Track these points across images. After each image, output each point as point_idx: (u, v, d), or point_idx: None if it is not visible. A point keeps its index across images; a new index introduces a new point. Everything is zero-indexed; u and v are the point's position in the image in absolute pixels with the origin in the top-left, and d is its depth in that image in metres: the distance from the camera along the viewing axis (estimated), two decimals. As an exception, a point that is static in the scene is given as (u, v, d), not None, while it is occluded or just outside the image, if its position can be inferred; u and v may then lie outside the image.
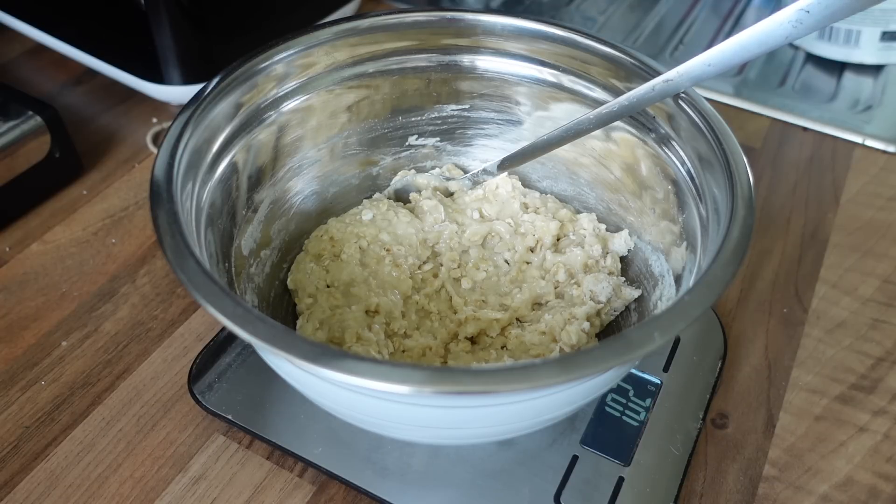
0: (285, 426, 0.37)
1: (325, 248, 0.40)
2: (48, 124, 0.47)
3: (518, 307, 0.39)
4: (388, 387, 0.24)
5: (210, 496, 0.36)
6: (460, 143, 0.44)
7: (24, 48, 0.62)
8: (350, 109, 0.41)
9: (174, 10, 0.49)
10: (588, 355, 0.25)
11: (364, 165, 0.43)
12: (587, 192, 0.42)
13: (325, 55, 0.39)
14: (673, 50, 0.65)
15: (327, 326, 0.37)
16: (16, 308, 0.43)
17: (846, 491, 0.37)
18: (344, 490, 0.36)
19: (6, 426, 0.38)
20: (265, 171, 0.39)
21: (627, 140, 0.39)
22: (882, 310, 0.45)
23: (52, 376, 0.40)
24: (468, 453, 0.36)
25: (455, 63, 0.41)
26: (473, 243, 0.41)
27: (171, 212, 0.29)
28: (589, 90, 0.40)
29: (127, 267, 0.46)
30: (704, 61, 0.32)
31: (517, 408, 0.29)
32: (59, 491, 0.36)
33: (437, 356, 0.37)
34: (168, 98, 0.56)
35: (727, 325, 0.43)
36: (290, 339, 0.25)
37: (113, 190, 0.51)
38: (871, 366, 0.42)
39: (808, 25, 0.30)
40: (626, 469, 0.36)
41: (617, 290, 0.39)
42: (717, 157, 0.33)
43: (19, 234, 0.48)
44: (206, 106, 0.34)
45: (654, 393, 0.39)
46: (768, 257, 0.48)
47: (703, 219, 0.33)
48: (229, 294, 0.26)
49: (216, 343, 0.40)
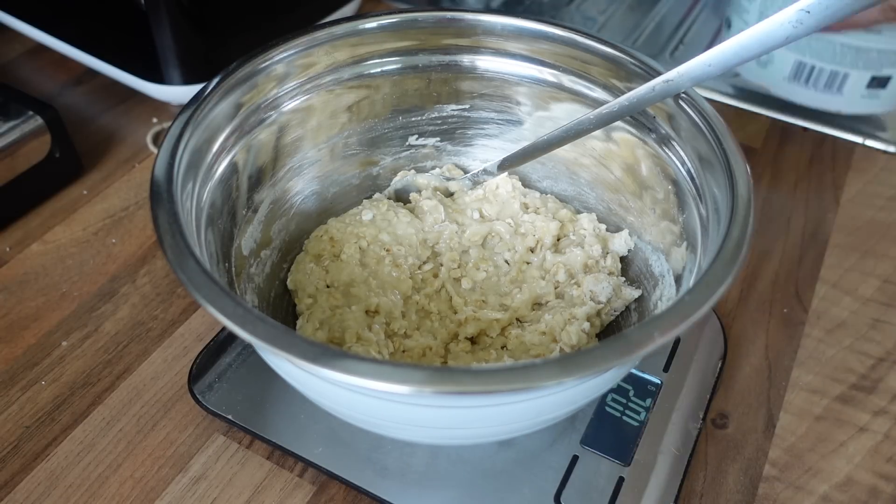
0: (285, 426, 0.37)
1: (325, 248, 0.40)
2: (48, 124, 0.47)
3: (518, 307, 0.39)
4: (388, 387, 0.24)
5: (210, 496, 0.36)
6: (460, 143, 0.44)
7: (24, 48, 0.62)
8: (350, 109, 0.41)
9: (174, 10, 0.49)
10: (588, 355, 0.25)
11: (364, 165, 0.43)
12: (587, 192, 0.42)
13: (325, 55, 0.39)
14: (673, 50, 0.65)
15: (327, 326, 0.37)
16: (16, 308, 0.43)
17: (846, 491, 0.37)
18: (344, 490, 0.36)
19: (6, 426, 0.38)
20: (265, 171, 0.39)
21: (628, 140, 0.39)
22: (882, 310, 0.45)
23: (52, 376, 0.40)
24: (468, 453, 0.36)
25: (455, 63, 0.41)
26: (473, 243, 0.41)
27: (172, 212, 0.29)
28: (589, 90, 0.40)
29: (127, 267, 0.46)
30: (705, 61, 0.32)
31: (517, 408, 0.29)
32: (59, 491, 0.36)
33: (438, 356, 0.37)
34: (168, 98, 0.56)
35: (727, 325, 0.43)
36: (290, 339, 0.25)
37: (113, 190, 0.51)
38: (872, 366, 0.42)
39: (808, 26, 0.30)
40: (626, 469, 0.36)
41: (617, 291, 0.39)
42: (717, 157, 0.33)
43: (19, 234, 0.48)
44: (206, 106, 0.34)
45: (654, 393, 0.39)
46: (768, 257, 0.48)
47: (704, 219, 0.33)
48: (229, 294, 0.26)
49: (216, 343, 0.40)
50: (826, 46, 0.46)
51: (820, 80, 0.49)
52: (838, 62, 0.47)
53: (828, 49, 0.46)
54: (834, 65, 0.47)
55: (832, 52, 0.46)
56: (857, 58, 0.47)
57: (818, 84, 0.49)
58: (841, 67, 0.47)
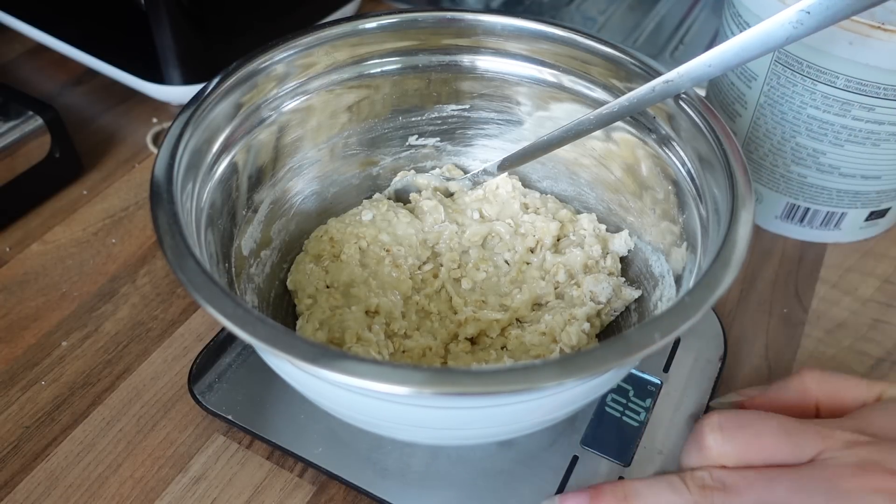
0: (285, 426, 0.37)
1: (325, 248, 0.40)
2: (48, 124, 0.47)
3: (518, 308, 0.39)
4: (388, 388, 0.24)
5: (210, 496, 0.36)
6: (460, 143, 0.44)
7: (24, 48, 0.62)
8: (350, 109, 0.41)
9: (174, 10, 0.49)
10: (588, 356, 0.25)
11: (364, 165, 0.43)
12: (587, 192, 0.42)
13: (325, 55, 0.39)
14: (673, 50, 0.65)
15: (327, 327, 0.37)
16: (16, 308, 0.43)
17: (846, 491, 0.37)
18: (344, 490, 0.36)
19: (6, 426, 0.38)
20: (265, 171, 0.39)
21: (628, 140, 0.39)
22: (882, 310, 0.45)
23: (52, 376, 0.40)
24: (468, 453, 0.36)
25: (455, 63, 0.41)
26: (473, 244, 0.41)
27: (171, 212, 0.29)
28: (589, 90, 0.40)
29: (127, 267, 0.46)
30: (705, 62, 0.32)
31: (517, 408, 0.29)
32: (59, 491, 0.36)
33: (437, 357, 0.37)
34: (168, 98, 0.56)
35: (727, 325, 0.43)
36: (290, 340, 0.25)
37: (113, 190, 0.51)
38: (871, 366, 0.42)
39: (808, 27, 0.30)
40: (626, 469, 0.36)
41: (617, 291, 0.39)
42: (717, 157, 0.33)
43: (19, 234, 0.48)
44: (206, 106, 0.34)
45: (654, 393, 0.39)
46: (768, 257, 0.48)
47: (704, 219, 0.33)
48: (229, 294, 0.26)
49: (216, 343, 0.40)
50: (820, 193, 0.45)
51: (815, 220, 0.47)
52: (835, 205, 0.46)
53: (822, 195, 0.46)
54: (830, 207, 0.46)
55: (828, 196, 0.46)
56: (856, 200, 0.46)
57: (813, 222, 0.47)
58: (836, 208, 0.46)
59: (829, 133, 0.42)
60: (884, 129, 0.41)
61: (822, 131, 0.43)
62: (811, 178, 0.45)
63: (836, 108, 0.41)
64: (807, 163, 0.44)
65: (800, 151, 0.44)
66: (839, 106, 0.41)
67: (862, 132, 0.42)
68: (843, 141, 0.42)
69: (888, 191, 0.46)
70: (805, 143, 0.44)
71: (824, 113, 0.42)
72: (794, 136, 0.44)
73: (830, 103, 0.41)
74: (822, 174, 0.45)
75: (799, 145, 0.44)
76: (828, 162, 0.44)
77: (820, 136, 0.43)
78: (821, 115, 0.42)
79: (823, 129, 0.42)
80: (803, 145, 0.44)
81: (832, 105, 0.41)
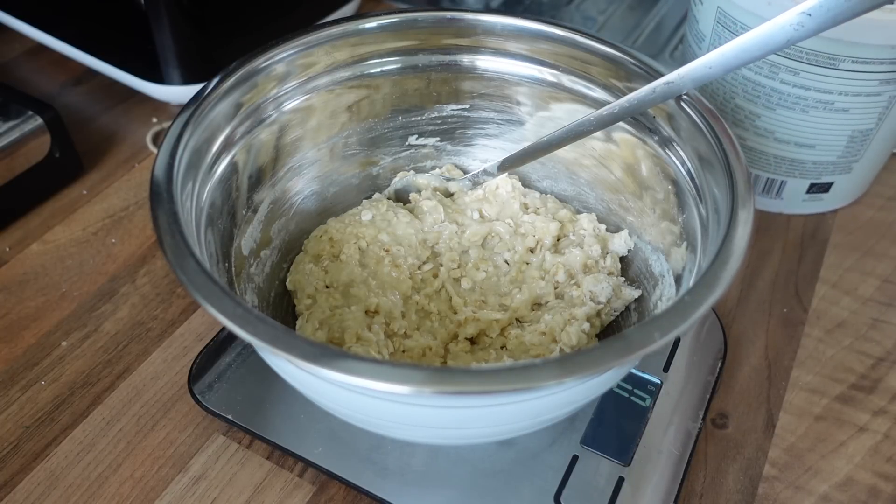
0: (285, 426, 0.37)
1: (325, 248, 0.40)
2: (48, 124, 0.47)
3: (518, 307, 0.39)
4: (388, 387, 0.24)
5: (210, 496, 0.36)
6: (460, 143, 0.44)
7: (24, 48, 0.62)
8: (350, 109, 0.41)
9: (174, 10, 0.49)
10: (588, 355, 0.25)
11: (364, 165, 0.43)
12: (587, 192, 0.42)
13: (325, 55, 0.39)
14: (673, 50, 0.65)
15: (327, 327, 0.37)
16: (16, 308, 0.43)
17: (846, 491, 0.37)
18: (344, 490, 0.36)
19: (6, 426, 0.38)
20: (265, 170, 0.39)
21: (628, 140, 0.39)
22: (882, 310, 0.45)
23: (52, 376, 0.40)
24: (468, 453, 0.36)
25: (455, 63, 0.41)
26: (473, 244, 0.41)
27: (171, 212, 0.29)
28: (589, 90, 0.40)
29: (127, 267, 0.46)
30: (705, 63, 0.32)
31: (517, 408, 0.29)
32: (59, 491, 0.36)
33: (437, 356, 0.37)
34: (168, 98, 0.56)
35: (727, 325, 0.43)
36: (290, 340, 0.25)
37: (113, 190, 0.51)
38: (871, 366, 0.42)
39: (809, 28, 0.29)
40: (626, 469, 0.36)
41: (617, 291, 0.39)
42: (717, 157, 0.33)
43: (19, 234, 0.48)
44: (206, 106, 0.34)
45: (654, 393, 0.39)
46: (768, 257, 0.48)
47: (703, 219, 0.33)
48: (229, 294, 0.26)
49: (216, 343, 0.40)
50: (759, 157, 0.47)
51: (757, 186, 0.49)
52: (773, 171, 0.48)
53: (761, 159, 0.47)
54: (769, 174, 0.48)
55: (766, 162, 0.47)
56: (793, 168, 0.47)
57: (756, 188, 0.48)
58: (777, 176, 0.48)
59: (762, 95, 0.45)
60: (811, 95, 0.43)
61: (755, 93, 0.45)
62: (750, 141, 0.47)
63: (766, 70, 0.43)
64: (745, 125, 0.47)
65: (738, 113, 0.46)
66: (768, 68, 0.43)
67: (791, 96, 0.44)
68: (774, 104, 0.45)
69: (824, 163, 0.47)
70: (742, 105, 0.46)
71: (756, 75, 0.44)
72: (732, 97, 0.46)
73: (760, 65, 0.43)
74: (758, 137, 0.47)
75: (737, 107, 0.46)
76: (763, 125, 0.46)
77: (754, 98, 0.45)
78: (753, 76, 0.44)
79: (756, 91, 0.45)
80: (741, 107, 0.46)
81: (762, 67, 0.43)
